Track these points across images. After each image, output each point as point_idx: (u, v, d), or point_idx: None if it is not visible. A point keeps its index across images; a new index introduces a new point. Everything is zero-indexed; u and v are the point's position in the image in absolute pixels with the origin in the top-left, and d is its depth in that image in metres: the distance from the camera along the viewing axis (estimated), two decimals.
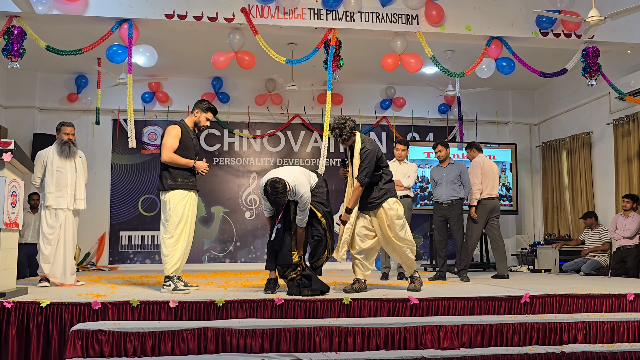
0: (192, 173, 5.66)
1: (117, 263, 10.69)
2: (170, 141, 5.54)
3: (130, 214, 10.86)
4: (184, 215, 5.51)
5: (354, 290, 5.32)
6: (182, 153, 5.60)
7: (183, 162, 5.55)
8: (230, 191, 11.17)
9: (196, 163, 5.59)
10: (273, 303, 4.56)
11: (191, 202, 5.64)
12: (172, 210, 5.49)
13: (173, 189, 5.52)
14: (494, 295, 5.01)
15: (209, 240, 11.00)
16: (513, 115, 11.93)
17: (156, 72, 10.34)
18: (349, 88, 11.34)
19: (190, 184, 5.61)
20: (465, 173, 7.62)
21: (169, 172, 5.55)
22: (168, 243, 5.45)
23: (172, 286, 5.38)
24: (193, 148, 5.71)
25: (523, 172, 11.77)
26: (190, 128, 5.78)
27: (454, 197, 7.53)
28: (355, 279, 5.50)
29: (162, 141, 5.61)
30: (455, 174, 7.56)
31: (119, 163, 10.94)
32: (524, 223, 11.74)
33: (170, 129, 5.60)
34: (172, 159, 5.52)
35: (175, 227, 5.47)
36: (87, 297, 4.68)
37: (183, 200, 5.54)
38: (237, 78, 11.07)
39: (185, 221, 5.54)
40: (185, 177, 5.58)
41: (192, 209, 5.69)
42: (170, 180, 5.54)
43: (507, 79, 9.40)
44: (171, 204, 5.50)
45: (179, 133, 5.60)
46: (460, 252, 7.54)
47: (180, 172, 5.57)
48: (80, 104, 10.69)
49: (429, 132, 11.83)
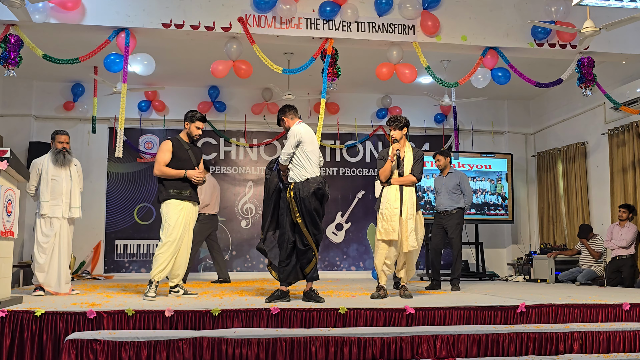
0: (189, 184, 5.83)
1: (113, 272, 10.65)
2: (161, 156, 5.87)
3: (125, 223, 10.84)
4: (178, 223, 5.71)
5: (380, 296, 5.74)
6: (176, 165, 5.88)
7: (173, 172, 5.84)
8: (226, 200, 11.15)
9: (187, 172, 5.78)
10: (269, 312, 4.54)
11: (186, 212, 5.79)
12: (166, 218, 5.75)
13: (168, 199, 5.80)
14: (490, 305, 5.00)
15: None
16: (509, 125, 11.97)
17: (153, 80, 10.35)
18: (345, 97, 11.37)
19: (185, 195, 5.80)
20: (465, 182, 7.62)
21: (163, 184, 5.86)
22: (158, 248, 5.73)
23: (147, 290, 5.67)
24: (189, 159, 5.92)
25: (519, 181, 11.80)
26: (185, 140, 6.05)
27: (453, 207, 7.53)
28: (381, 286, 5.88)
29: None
30: (454, 183, 7.57)
31: (115, 172, 10.92)
32: (520, 233, 11.75)
33: (162, 145, 5.95)
34: (163, 172, 5.83)
35: (169, 233, 5.70)
36: (82, 306, 4.66)
37: (177, 208, 5.78)
38: (233, 87, 11.08)
39: (179, 230, 5.66)
40: (180, 188, 5.86)
41: (187, 219, 5.81)
42: (164, 192, 5.83)
43: (502, 89, 9.43)
44: (166, 212, 5.78)
45: (170, 147, 5.91)
46: (455, 261, 7.52)
47: (174, 184, 5.84)
48: (77, 112, 10.68)
49: (425, 142, 11.85)
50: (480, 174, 10.77)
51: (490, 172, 10.85)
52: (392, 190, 5.90)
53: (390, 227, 5.77)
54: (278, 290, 5.39)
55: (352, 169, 11.59)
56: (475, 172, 10.75)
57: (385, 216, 5.83)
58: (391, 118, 6.04)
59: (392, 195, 5.86)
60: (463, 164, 10.70)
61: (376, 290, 5.83)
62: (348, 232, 11.40)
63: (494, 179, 10.84)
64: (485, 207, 10.73)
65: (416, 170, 5.96)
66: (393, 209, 5.80)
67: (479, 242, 10.63)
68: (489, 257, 11.45)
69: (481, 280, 9.95)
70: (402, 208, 5.81)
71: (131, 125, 10.63)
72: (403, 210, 5.80)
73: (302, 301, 5.29)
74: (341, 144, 11.59)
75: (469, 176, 10.61)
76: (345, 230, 11.38)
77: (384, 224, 5.81)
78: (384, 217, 5.83)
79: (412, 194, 5.91)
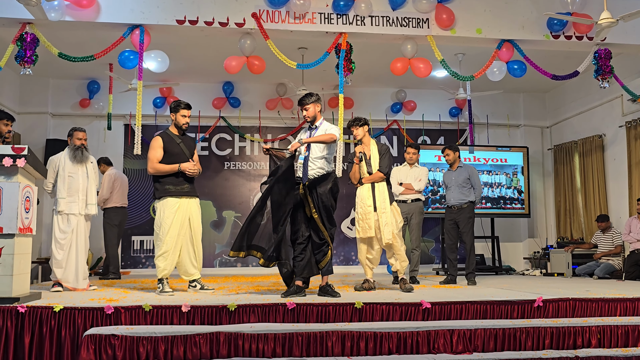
0: (184, 178, 5.83)
1: (130, 268, 10.73)
2: (152, 153, 5.84)
3: (141, 219, 10.91)
4: (174, 223, 5.74)
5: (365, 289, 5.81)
6: (169, 160, 5.86)
7: (167, 168, 5.82)
8: (241, 195, 11.19)
9: (181, 166, 5.77)
10: (285, 307, 4.56)
11: (183, 210, 5.80)
12: (162, 219, 5.75)
13: (163, 197, 5.80)
14: (507, 299, 4.98)
15: (221, 244, 11.02)
16: (525, 118, 11.88)
17: (167, 77, 10.40)
18: (360, 92, 11.34)
19: (182, 191, 5.79)
20: (475, 175, 7.57)
21: (159, 182, 5.85)
22: (157, 250, 5.75)
23: (160, 288, 5.69)
24: (182, 152, 5.92)
25: (535, 175, 11.72)
26: (175, 133, 6.03)
27: (463, 201, 7.50)
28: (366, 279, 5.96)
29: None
30: (464, 177, 7.53)
31: (131, 168, 10.99)
32: (537, 226, 11.68)
33: (152, 142, 5.92)
34: (156, 169, 5.82)
35: (165, 234, 5.72)
36: (100, 301, 4.70)
37: (172, 208, 5.77)
38: (247, 83, 11.10)
39: (175, 230, 5.70)
40: (176, 184, 5.83)
41: (186, 215, 5.81)
42: (160, 189, 5.82)
43: (518, 81, 9.36)
44: (161, 212, 5.77)
45: (161, 143, 5.89)
46: (469, 255, 7.48)
47: (169, 180, 5.84)
48: (92, 110, 10.76)
49: (440, 136, 11.80)
50: (495, 168, 10.71)
51: (506, 165, 10.78)
52: (364, 189, 6.10)
53: (366, 225, 6.00)
54: (294, 285, 5.41)
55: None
56: (490, 165, 10.68)
57: (361, 215, 6.05)
58: (351, 119, 6.28)
59: (364, 193, 6.07)
60: (478, 157, 10.64)
61: (361, 283, 6.16)
62: None
63: (509, 172, 10.77)
64: (501, 200, 10.67)
65: (383, 165, 6.11)
66: (367, 207, 6.01)
67: (495, 236, 10.58)
68: (505, 251, 11.40)
69: (497, 275, 9.90)
70: (375, 204, 6.00)
71: (146, 122, 10.68)
72: (377, 205, 5.98)
73: (318, 296, 5.31)
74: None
75: (485, 170, 10.57)
76: None
77: (360, 223, 6.05)
78: (359, 215, 6.06)
79: (383, 188, 6.07)
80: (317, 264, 5.50)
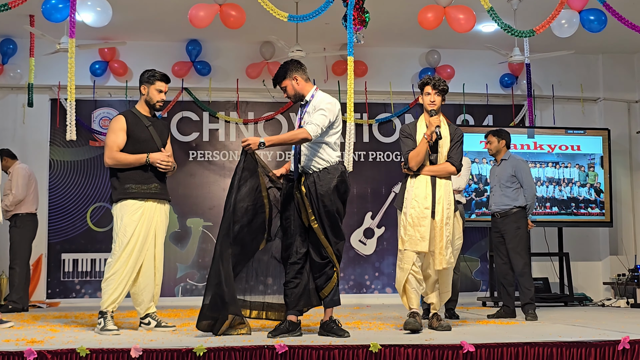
0: (154, 174, 5.79)
1: (59, 297, 10.72)
2: (112, 138, 5.82)
3: (75, 229, 10.91)
4: (135, 234, 5.67)
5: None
6: (135, 148, 5.83)
7: (131, 159, 5.79)
8: (212, 197, 11.18)
9: (150, 156, 5.74)
10: (274, 351, 4.56)
11: (149, 215, 5.76)
12: (118, 228, 5.74)
13: (123, 199, 5.76)
14: (580, 339, 4.99)
15: (184, 265, 11.02)
16: (605, 90, 11.88)
17: (110, 34, 10.39)
18: (376, 53, 11.33)
19: (148, 192, 5.76)
20: (522, 170, 7.51)
21: (117, 178, 5.82)
22: (108, 269, 5.74)
23: (101, 325, 5.65)
24: (151, 139, 5.88)
25: (619, 168, 11.71)
26: (144, 114, 6.01)
27: (508, 206, 7.49)
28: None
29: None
30: (508, 174, 7.51)
31: (60, 159, 10.98)
32: (622, 239, 11.68)
33: (112, 123, 5.90)
34: (117, 160, 5.80)
35: (121, 249, 5.69)
36: (18, 343, 4.70)
37: (134, 214, 5.75)
38: (220, 41, 11.09)
39: (136, 241, 5.66)
40: (140, 182, 5.80)
41: (152, 224, 5.80)
42: (119, 188, 5.79)
43: (596, 38, 9.36)
44: (118, 219, 5.77)
45: (124, 125, 5.85)
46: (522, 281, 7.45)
47: (132, 176, 5.80)
48: (7, 79, 10.74)
49: (488, 114, 11.81)
50: (565, 159, 10.70)
51: (579, 155, 10.78)
52: (421, 183, 5.93)
53: (418, 233, 5.82)
54: (286, 320, 5.42)
55: (385, 153, 11.55)
56: (557, 155, 10.68)
57: (412, 218, 5.86)
58: (429, 78, 6.08)
59: (421, 189, 5.90)
60: (541, 144, 10.63)
61: (410, 316, 5.78)
62: (381, 241, 11.39)
63: (584, 165, 10.77)
64: (572, 203, 10.67)
65: (456, 157, 6.00)
66: (423, 209, 5.85)
67: (564, 253, 10.58)
68: (578, 274, 11.39)
69: (567, 306, 9.92)
70: (435, 208, 5.83)
71: (82, 95, 10.65)
72: (437, 211, 5.83)
73: (319, 335, 5.32)
74: (370, 118, 11.56)
75: (550, 161, 10.56)
76: (377, 238, 11.37)
77: (409, 230, 5.86)
78: (409, 219, 5.87)
79: (449, 188, 5.96)
80: (317, 292, 5.50)
